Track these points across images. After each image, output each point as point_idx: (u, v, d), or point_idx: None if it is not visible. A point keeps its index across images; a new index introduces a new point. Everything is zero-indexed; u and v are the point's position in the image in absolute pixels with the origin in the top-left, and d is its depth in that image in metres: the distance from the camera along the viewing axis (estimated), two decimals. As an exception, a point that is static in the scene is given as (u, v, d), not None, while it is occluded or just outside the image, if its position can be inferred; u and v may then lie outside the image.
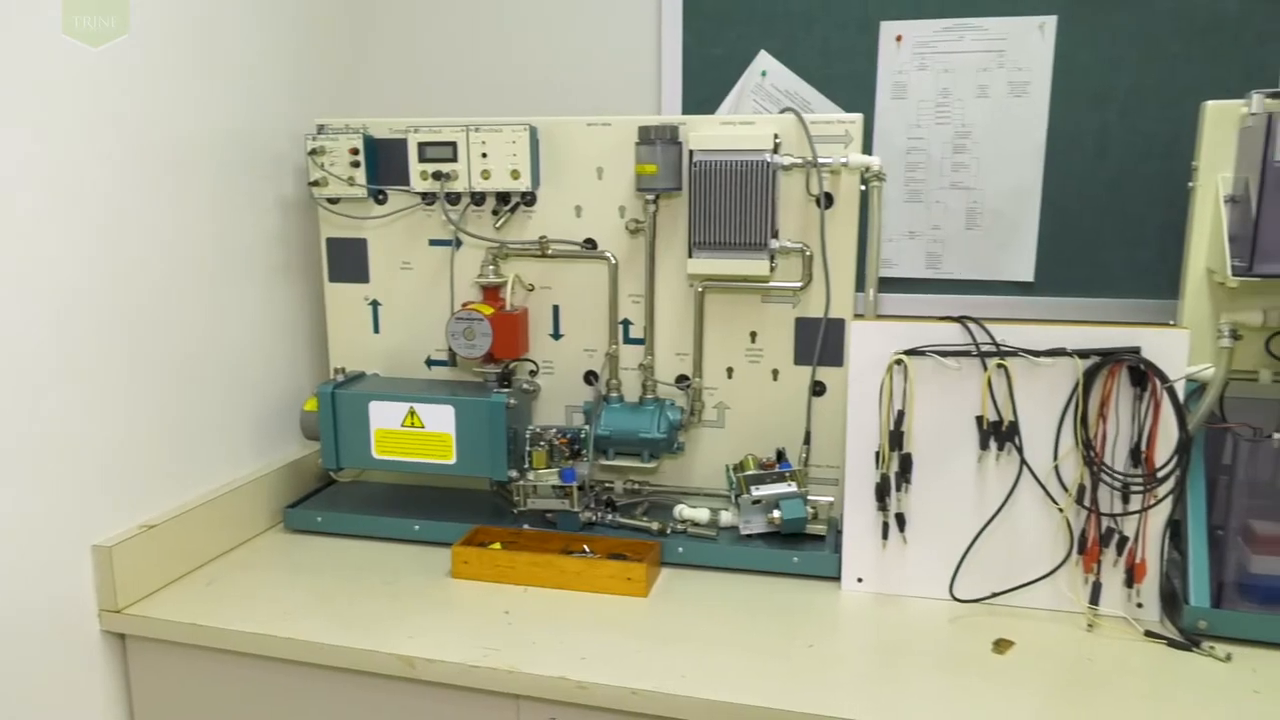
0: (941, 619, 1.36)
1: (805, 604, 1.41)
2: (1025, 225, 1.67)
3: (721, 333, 1.62)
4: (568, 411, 1.71)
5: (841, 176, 1.52)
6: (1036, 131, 1.63)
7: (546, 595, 1.44)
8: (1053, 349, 1.32)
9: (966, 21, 1.63)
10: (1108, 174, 1.62)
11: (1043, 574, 1.36)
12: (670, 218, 1.59)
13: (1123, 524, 1.33)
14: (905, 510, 1.41)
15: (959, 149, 1.67)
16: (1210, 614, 1.28)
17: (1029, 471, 1.35)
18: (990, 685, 1.19)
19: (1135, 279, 1.63)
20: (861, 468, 1.42)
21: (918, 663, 1.25)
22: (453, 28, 1.91)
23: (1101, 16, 1.58)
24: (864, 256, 1.53)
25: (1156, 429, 1.30)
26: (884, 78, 1.68)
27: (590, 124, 1.60)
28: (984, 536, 1.38)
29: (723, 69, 1.75)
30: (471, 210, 1.67)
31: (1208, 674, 1.21)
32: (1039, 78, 1.62)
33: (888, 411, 1.39)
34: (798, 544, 1.52)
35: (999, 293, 1.70)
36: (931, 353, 1.36)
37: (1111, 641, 1.29)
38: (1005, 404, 1.35)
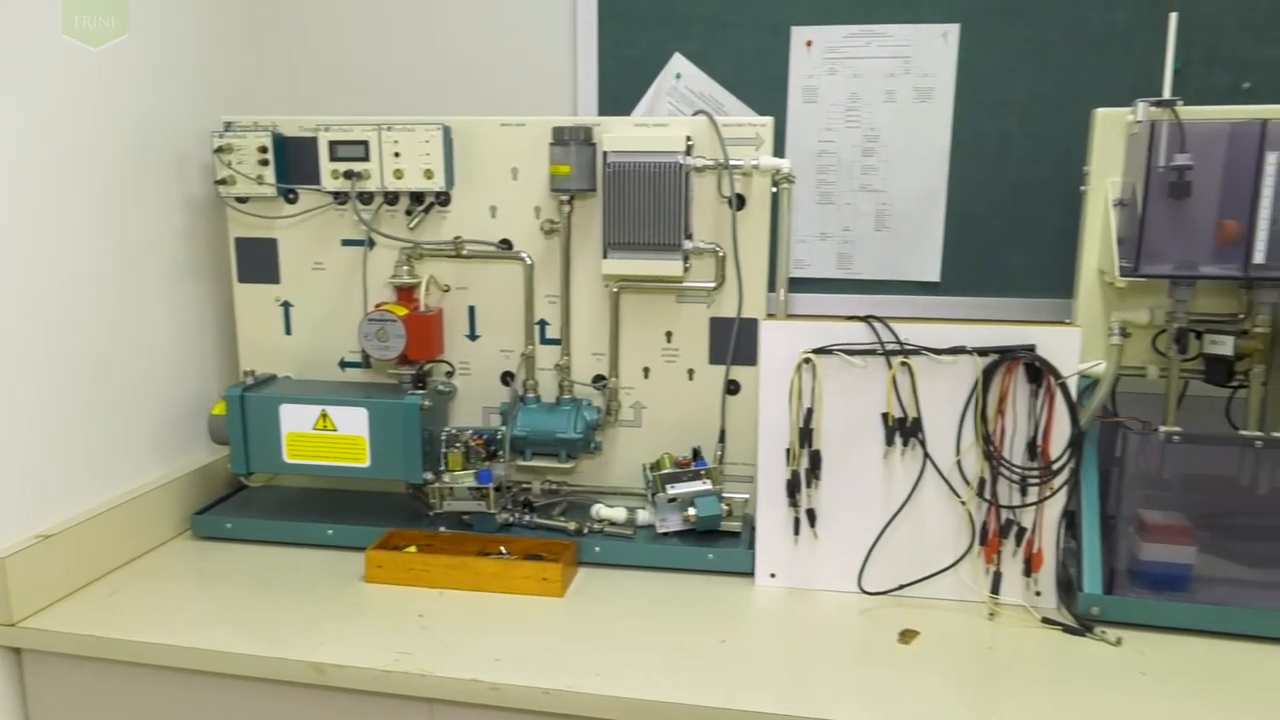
0: (851, 611, 1.39)
1: (720, 600, 1.43)
2: (931, 227, 1.72)
3: (637, 333, 1.63)
4: (485, 413, 1.70)
5: (753, 178, 1.54)
6: (941, 136, 1.68)
7: (462, 598, 1.43)
8: (953, 347, 1.36)
9: (873, 28, 1.67)
10: (1008, 178, 1.68)
11: (946, 565, 1.40)
12: (585, 218, 1.60)
13: (1021, 515, 1.38)
14: (816, 506, 1.44)
15: (868, 152, 1.71)
16: (1103, 600, 1.34)
17: (933, 466, 1.39)
18: (896, 675, 1.22)
19: (1034, 279, 1.69)
20: (773, 465, 1.45)
21: (827, 655, 1.28)
22: (366, 26, 1.88)
23: (1001, 26, 1.64)
24: (776, 257, 1.56)
25: (1051, 423, 1.35)
26: (795, 82, 1.71)
27: (504, 124, 1.60)
28: (891, 530, 1.42)
29: (638, 71, 1.76)
30: (385, 210, 1.65)
31: (1100, 657, 1.26)
32: (943, 84, 1.67)
33: (797, 409, 1.41)
34: (713, 541, 1.54)
35: (907, 292, 1.75)
36: (838, 352, 1.39)
37: (1011, 629, 1.34)
38: (909, 401, 1.39)
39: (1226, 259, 1.30)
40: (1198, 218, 1.31)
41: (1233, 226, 1.29)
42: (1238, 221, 1.28)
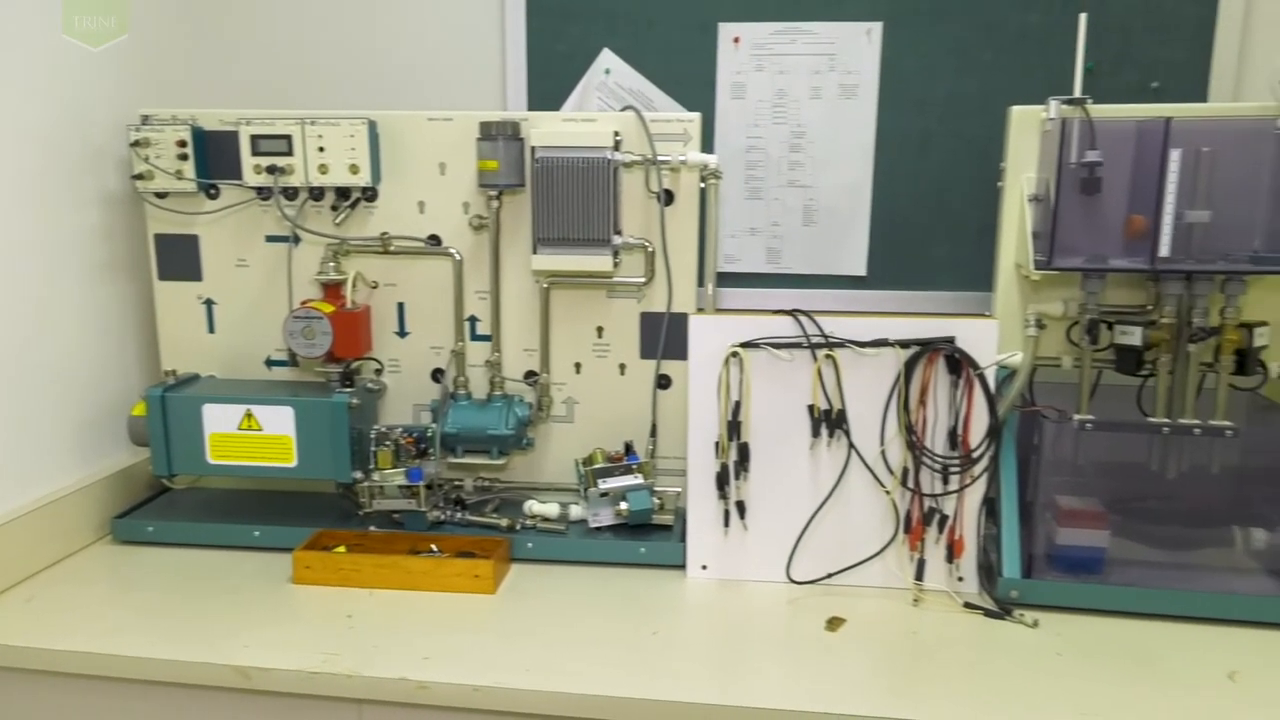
0: (780, 601, 1.41)
1: (651, 593, 1.44)
2: (857, 222, 1.75)
3: (568, 328, 1.63)
4: (415, 410, 1.69)
5: (681, 174, 1.55)
6: (866, 132, 1.71)
7: (392, 597, 1.42)
8: (876, 340, 1.39)
9: (799, 25, 1.69)
10: (931, 174, 1.72)
11: (872, 554, 1.43)
12: (514, 214, 1.59)
13: (943, 503, 1.41)
14: (745, 498, 1.46)
15: (795, 148, 1.73)
16: (1021, 584, 1.38)
17: (858, 456, 1.42)
18: (823, 661, 1.25)
19: (957, 272, 1.73)
20: (703, 458, 1.46)
21: (755, 644, 1.30)
22: (291, 20, 1.85)
23: (922, 25, 1.67)
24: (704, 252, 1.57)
25: (971, 413, 1.38)
26: (723, 78, 1.73)
27: (431, 119, 1.58)
28: (818, 520, 1.44)
29: (567, 66, 1.76)
30: (310, 205, 1.62)
31: (1018, 640, 1.30)
32: (867, 81, 1.69)
33: (725, 403, 1.43)
34: (646, 535, 1.55)
35: (835, 286, 1.78)
36: (765, 345, 1.41)
37: (934, 614, 1.38)
38: (834, 393, 1.41)
39: (1135, 252, 1.35)
40: (1108, 213, 1.36)
41: (1140, 221, 1.33)
42: (1145, 216, 1.33)
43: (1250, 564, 1.43)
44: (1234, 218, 1.32)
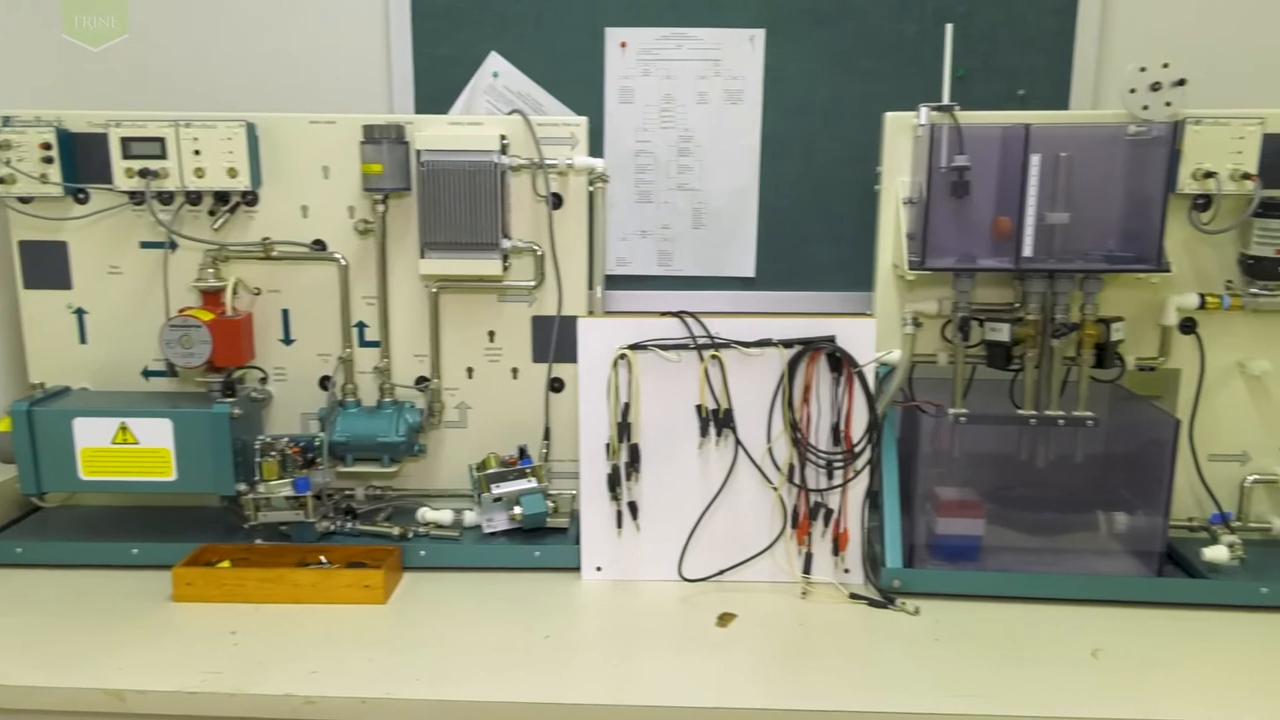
0: (672, 599, 1.43)
1: (546, 597, 1.44)
2: (745, 224, 1.78)
3: (459, 333, 1.62)
4: (303, 419, 1.65)
5: (569, 178, 1.56)
6: (751, 137, 1.75)
7: (280, 612, 1.38)
8: (761, 340, 1.42)
9: (684, 31, 1.71)
10: (814, 177, 1.76)
11: (761, 550, 1.46)
12: (401, 218, 1.57)
13: (828, 498, 1.45)
14: (637, 498, 1.47)
15: (683, 152, 1.76)
16: (903, 573, 1.43)
17: (746, 455, 1.45)
18: (713, 657, 1.27)
19: (840, 273, 1.78)
20: (594, 460, 1.47)
21: (648, 643, 1.31)
22: (168, 18, 1.78)
23: (803, 32, 1.72)
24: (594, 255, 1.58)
25: (852, 410, 1.43)
26: (611, 82, 1.74)
27: (313, 121, 1.55)
28: (708, 518, 1.47)
29: (454, 69, 1.75)
30: (187, 210, 1.57)
31: (900, 627, 1.35)
32: (751, 86, 1.73)
33: (615, 405, 1.44)
34: (541, 538, 1.55)
35: (725, 288, 1.81)
36: (653, 347, 1.43)
37: (822, 606, 1.41)
38: (721, 393, 1.44)
39: (1002, 253, 1.41)
40: (977, 215, 1.42)
41: (1006, 223, 1.40)
42: (1010, 218, 1.40)
43: (1114, 546, 1.51)
44: (1091, 219, 1.40)
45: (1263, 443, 1.52)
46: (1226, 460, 1.53)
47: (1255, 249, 1.42)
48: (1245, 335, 1.50)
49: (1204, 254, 1.48)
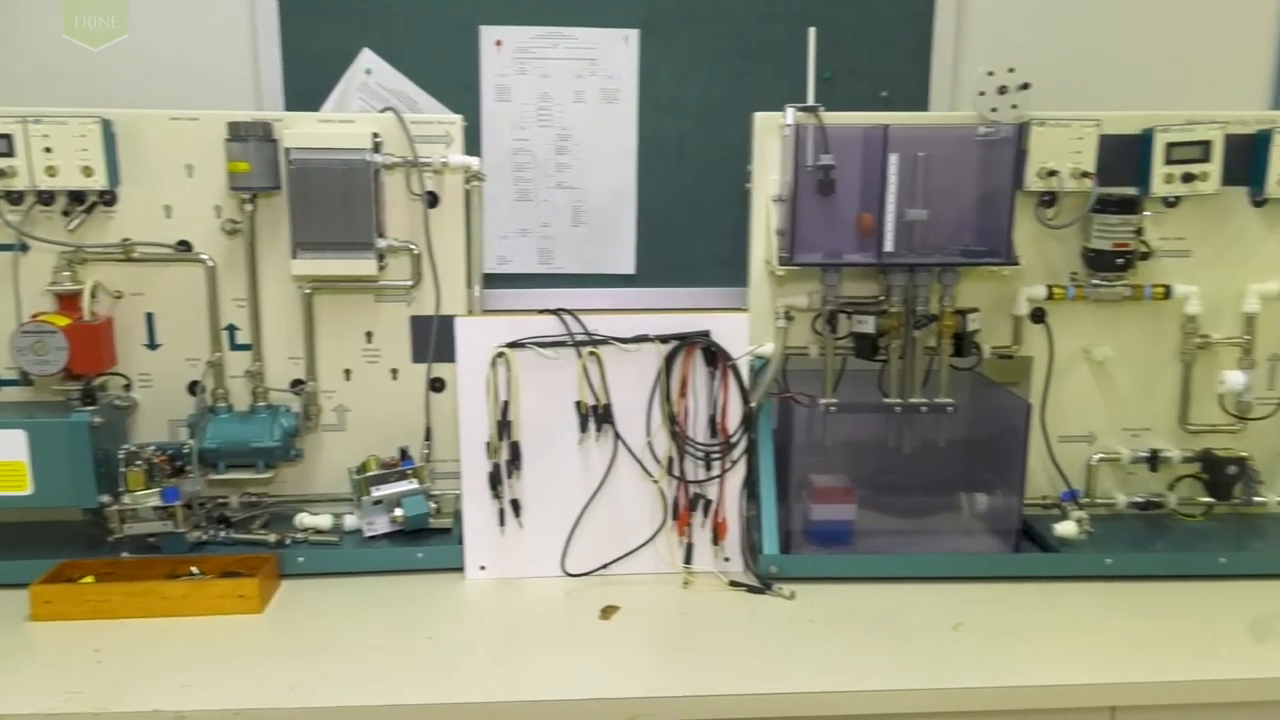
0: (557, 595, 1.44)
1: (430, 598, 1.43)
2: (624, 222, 1.81)
3: (335, 334, 1.59)
4: (172, 426, 1.59)
5: (445, 176, 1.55)
6: (628, 136, 1.77)
7: (149, 626, 1.34)
8: (637, 336, 1.45)
9: (560, 30, 1.73)
10: (690, 176, 1.80)
11: (643, 542, 1.49)
12: (271, 217, 1.53)
13: (707, 489, 1.49)
14: (520, 496, 1.48)
15: (561, 150, 1.77)
16: (780, 559, 1.47)
17: (626, 449, 1.47)
18: (596, 649, 1.29)
19: (717, 269, 1.82)
20: (475, 459, 1.47)
21: (531, 639, 1.32)
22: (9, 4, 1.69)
23: (676, 33, 1.75)
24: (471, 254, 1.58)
25: (728, 402, 1.47)
26: (487, 80, 1.74)
27: (175, 118, 1.50)
28: (590, 513, 1.49)
29: (326, 65, 1.71)
30: (40, 210, 1.49)
31: (777, 611, 1.39)
32: (627, 86, 1.75)
33: (494, 403, 1.44)
34: (424, 539, 1.54)
35: (606, 285, 1.83)
36: (531, 345, 1.44)
37: (702, 594, 1.45)
38: (600, 389, 1.45)
39: (866, 248, 1.47)
40: (842, 212, 1.47)
41: (869, 219, 1.46)
42: (873, 215, 1.46)
43: (975, 525, 1.60)
44: (948, 215, 1.47)
45: (1107, 424, 1.63)
46: (1075, 441, 1.63)
47: (1095, 243, 1.51)
48: (1089, 323, 1.60)
49: (1050, 248, 1.57)
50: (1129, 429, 1.63)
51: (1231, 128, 1.50)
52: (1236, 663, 1.24)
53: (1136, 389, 1.62)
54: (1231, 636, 1.31)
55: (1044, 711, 1.23)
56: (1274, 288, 1.56)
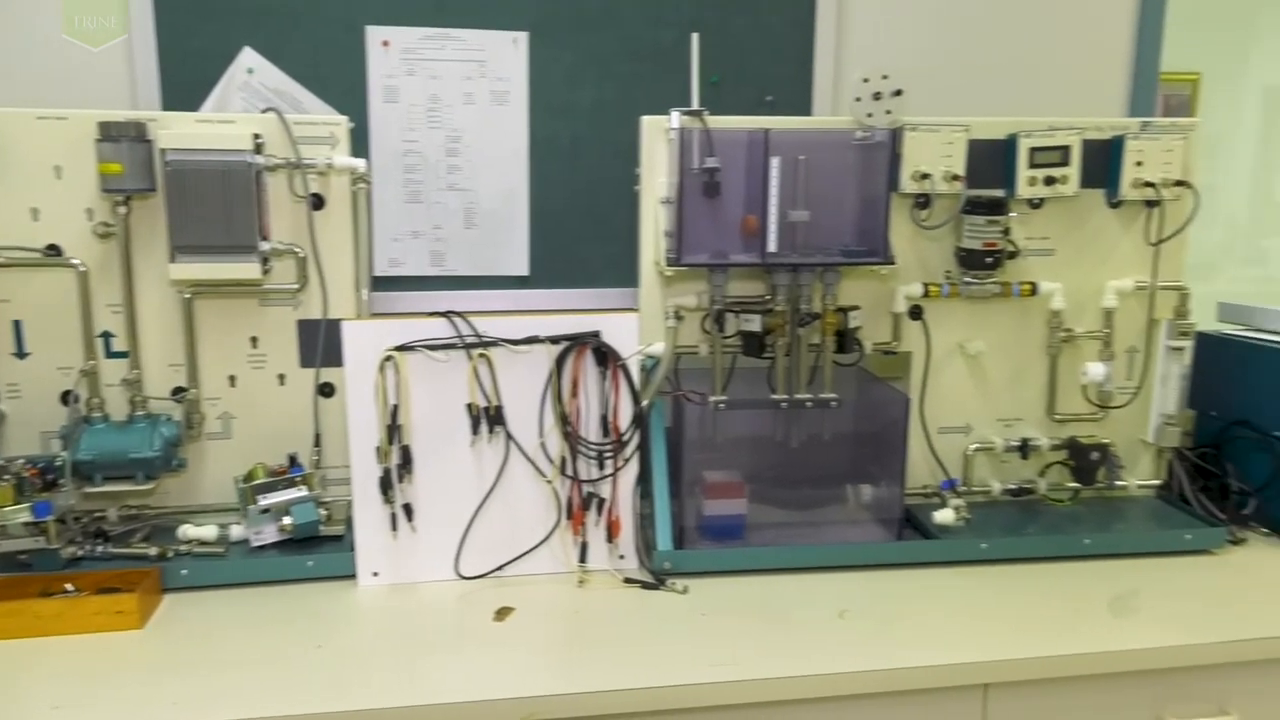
0: (451, 598, 1.44)
1: (321, 607, 1.41)
2: (517, 224, 1.81)
3: (218, 340, 1.55)
4: (43, 438, 1.53)
5: (331, 178, 1.53)
6: (519, 138, 1.78)
7: (20, 647, 1.28)
8: (528, 337, 1.46)
9: (448, 32, 1.72)
10: (582, 178, 1.81)
11: (537, 542, 1.50)
12: (147, 220, 1.49)
13: (600, 488, 1.50)
14: (412, 500, 1.47)
15: (452, 152, 1.76)
16: (674, 555, 1.50)
17: (519, 450, 1.48)
18: (490, 650, 1.29)
19: (610, 270, 1.84)
20: (365, 464, 1.45)
21: (424, 643, 1.31)
22: None
23: (566, 37, 1.76)
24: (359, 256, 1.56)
25: (619, 401, 1.48)
26: (375, 81, 1.72)
27: (41, 117, 1.44)
28: (485, 515, 1.49)
29: (205, 64, 1.67)
30: (-108, 214, 1.42)
31: (670, 605, 1.42)
32: (517, 88, 1.76)
33: (384, 407, 1.43)
34: (315, 547, 1.51)
35: (500, 287, 1.83)
36: (420, 348, 1.43)
37: (597, 592, 1.46)
38: (491, 391, 1.46)
39: (751, 248, 1.51)
40: (728, 213, 1.51)
41: (753, 221, 1.50)
42: (757, 216, 1.50)
43: (861, 515, 1.66)
44: (829, 216, 1.52)
45: (982, 415, 1.71)
46: (953, 432, 1.71)
47: (966, 242, 1.59)
48: (963, 319, 1.68)
49: (926, 247, 1.64)
50: (1002, 419, 1.71)
51: (1089, 134, 1.60)
52: (1096, 637, 1.32)
53: (1008, 381, 1.70)
54: (1093, 613, 1.39)
55: (923, 691, 1.29)
56: (1129, 284, 1.66)
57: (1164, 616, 1.38)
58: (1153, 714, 1.35)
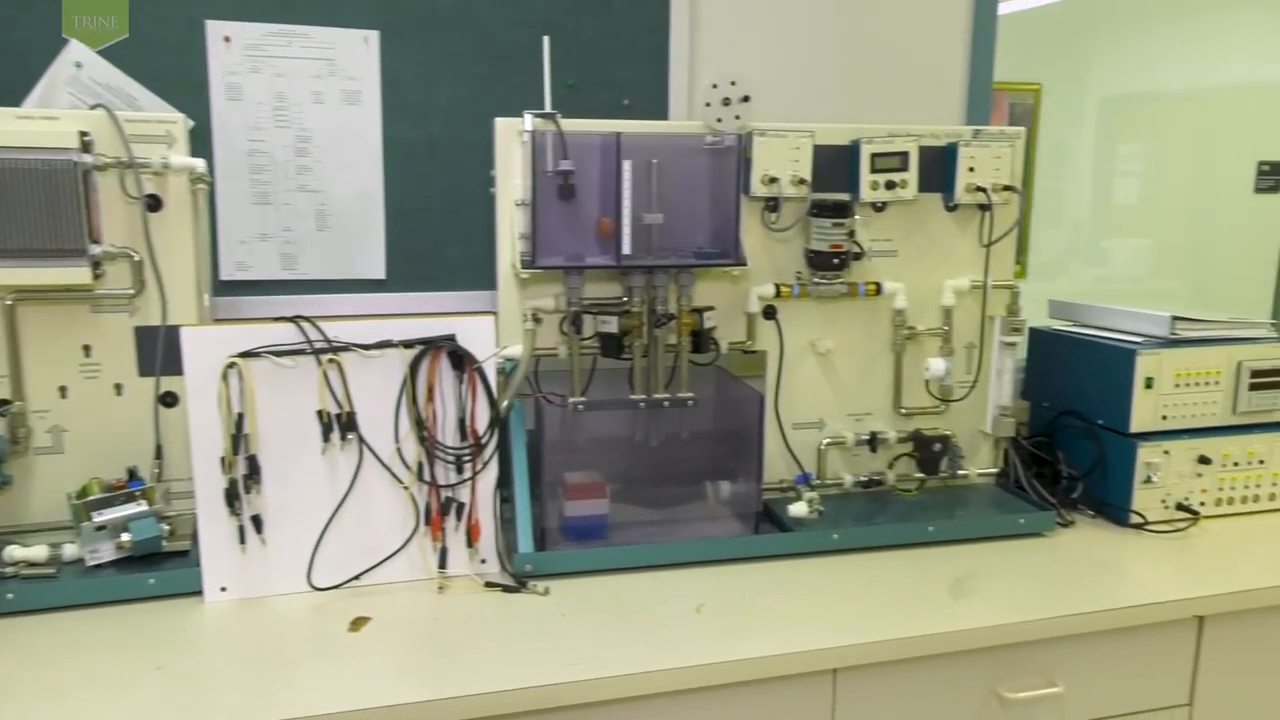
0: (304, 611, 1.39)
1: (163, 626, 1.34)
2: (373, 226, 1.77)
3: (46, 349, 1.46)
4: None
5: (169, 178, 1.46)
6: (373, 138, 1.74)
7: None
8: (380, 342, 1.43)
9: (293, 28, 1.67)
10: (440, 179, 1.79)
11: (395, 550, 1.47)
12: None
13: (459, 492, 1.49)
14: (261, 511, 1.42)
15: (301, 152, 1.71)
16: (535, 557, 1.50)
17: (374, 457, 1.45)
18: (345, 662, 1.26)
19: (471, 273, 1.82)
20: (209, 475, 1.39)
21: (275, 658, 1.27)
22: None
23: (418, 36, 1.74)
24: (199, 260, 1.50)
25: (476, 405, 1.47)
26: (217, 78, 1.65)
27: None
28: (340, 524, 1.45)
29: (27, 56, 1.56)
30: None
31: (531, 608, 1.42)
32: (370, 88, 1.72)
33: (227, 416, 1.38)
34: (158, 565, 1.44)
35: (355, 290, 1.78)
36: (266, 354, 1.38)
37: (458, 598, 1.45)
38: (343, 396, 1.42)
39: (607, 251, 1.53)
40: (583, 216, 1.52)
41: (608, 223, 1.51)
42: (612, 219, 1.51)
43: (722, 512, 1.70)
44: (682, 219, 1.55)
45: (834, 410, 1.78)
46: (807, 428, 1.77)
47: (814, 244, 1.65)
48: (814, 318, 1.73)
49: (777, 249, 1.70)
50: (853, 414, 1.78)
51: (925, 140, 1.68)
52: (936, 619, 1.39)
53: (857, 377, 1.77)
54: (934, 596, 1.46)
55: (775, 679, 1.33)
56: (966, 283, 1.76)
57: (998, 597, 1.46)
58: (988, 689, 1.44)
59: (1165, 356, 1.74)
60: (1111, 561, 1.59)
